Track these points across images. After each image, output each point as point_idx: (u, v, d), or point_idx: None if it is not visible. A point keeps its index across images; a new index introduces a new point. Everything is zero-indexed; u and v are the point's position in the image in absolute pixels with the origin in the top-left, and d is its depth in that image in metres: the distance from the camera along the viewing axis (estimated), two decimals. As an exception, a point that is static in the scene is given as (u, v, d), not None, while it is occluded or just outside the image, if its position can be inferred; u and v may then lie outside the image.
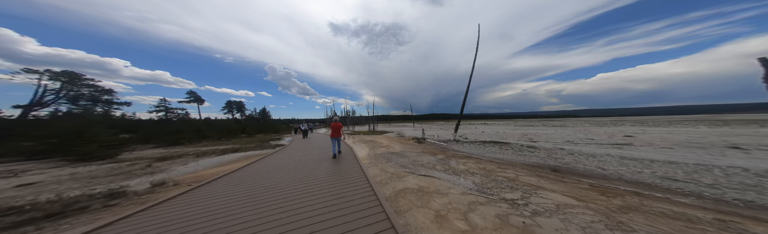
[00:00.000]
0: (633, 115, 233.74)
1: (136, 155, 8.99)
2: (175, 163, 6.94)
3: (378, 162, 6.21)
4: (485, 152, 7.41)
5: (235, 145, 12.85)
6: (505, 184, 3.85)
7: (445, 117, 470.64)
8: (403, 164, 5.80)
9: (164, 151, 10.67)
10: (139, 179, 5.05)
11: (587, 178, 4.28)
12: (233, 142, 15.15)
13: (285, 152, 7.99)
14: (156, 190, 4.00)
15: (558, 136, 12.33)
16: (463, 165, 5.43)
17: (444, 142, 10.25)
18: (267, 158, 6.79)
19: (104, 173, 5.62)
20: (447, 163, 5.74)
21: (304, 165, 5.65)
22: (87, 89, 16.47)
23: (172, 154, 8.74)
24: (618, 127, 20.37)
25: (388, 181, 4.34)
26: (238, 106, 60.73)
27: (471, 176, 4.38)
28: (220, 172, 5.43)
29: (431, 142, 10.59)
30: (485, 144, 9.25)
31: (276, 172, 4.96)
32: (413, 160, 6.31)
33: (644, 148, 7.62)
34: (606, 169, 4.95)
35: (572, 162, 5.69)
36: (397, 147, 9.30)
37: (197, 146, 12.93)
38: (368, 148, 8.96)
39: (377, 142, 11.68)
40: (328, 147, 8.82)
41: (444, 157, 6.48)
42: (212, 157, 8.12)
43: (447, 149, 8.33)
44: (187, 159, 7.62)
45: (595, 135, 12.83)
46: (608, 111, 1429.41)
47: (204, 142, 15.37)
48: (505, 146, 8.39)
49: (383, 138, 14.08)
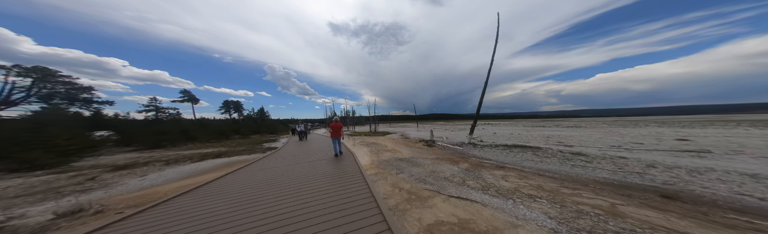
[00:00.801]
0: (632, 116, 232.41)
1: (97, 162, 7.58)
2: (132, 173, 5.55)
3: (386, 173, 4.85)
4: (520, 160, 5.97)
5: (223, 148, 11.50)
6: (607, 222, 2.41)
7: (445, 117, 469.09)
8: (420, 177, 4.44)
9: (137, 156, 9.29)
10: (54, 202, 3.65)
11: (738, 212, 2.76)
12: (223, 144, 13.79)
13: (272, 159, 6.64)
14: (52, 227, 2.63)
15: (590, 139, 10.77)
16: (505, 180, 4.05)
17: (458, 146, 8.89)
18: (248, 168, 5.43)
19: (21, 191, 4.24)
20: (479, 175, 4.37)
21: (290, 177, 4.32)
22: (62, 87, 15.07)
23: (140, 161, 7.35)
24: (645, 129, 18.35)
25: (407, 205, 2.98)
26: (235, 105, 59.31)
27: (532, 202, 2.99)
28: (179, 188, 4.07)
29: (443, 146, 9.23)
30: (511, 149, 7.80)
31: (250, 191, 3.61)
32: (431, 170, 4.96)
33: (741, 158, 5.84)
34: (751, 195, 3.31)
35: (675, 180, 4.04)
36: (405, 151, 7.95)
37: (180, 149, 11.56)
38: (371, 153, 7.62)
39: (381, 144, 10.34)
40: (323, 152, 7.61)
41: (470, 167, 5.10)
42: (186, 164, 6.75)
43: (467, 155, 6.95)
44: (152, 168, 6.24)
45: (634, 138, 11.16)
46: (607, 111, 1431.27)
47: (192, 144, 14.01)
48: (540, 152, 6.91)
49: (387, 140, 12.73)
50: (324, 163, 5.61)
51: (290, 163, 5.87)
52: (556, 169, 4.85)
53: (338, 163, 5.59)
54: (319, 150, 8.03)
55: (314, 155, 6.89)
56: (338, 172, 4.66)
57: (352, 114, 37.02)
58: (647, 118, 63.08)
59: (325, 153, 7.60)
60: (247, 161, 6.82)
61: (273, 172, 4.78)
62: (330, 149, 8.00)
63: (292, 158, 6.54)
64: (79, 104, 15.90)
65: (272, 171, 4.88)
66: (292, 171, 4.88)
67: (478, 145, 8.75)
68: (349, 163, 5.48)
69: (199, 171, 5.81)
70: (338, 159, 5.97)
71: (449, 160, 6.05)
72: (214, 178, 4.50)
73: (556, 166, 5.18)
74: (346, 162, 5.71)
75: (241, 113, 59.80)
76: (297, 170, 4.95)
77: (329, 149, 8.03)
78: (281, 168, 5.14)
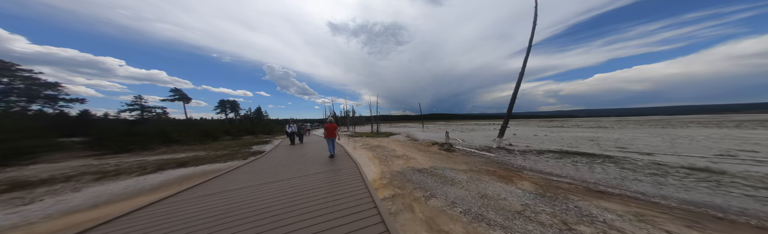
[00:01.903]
0: (632, 116, 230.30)
1: (10, 175, 5.71)
2: (19, 198, 3.72)
3: (407, 195, 3.12)
4: (608, 177, 3.94)
5: (202, 152, 9.72)
6: None
7: (445, 117, 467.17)
8: (470, 208, 2.70)
9: (82, 164, 7.45)
10: None
11: None
12: (206, 147, 11.98)
13: (247, 171, 4.87)
14: None
15: (656, 144, 8.45)
16: (646, 228, 2.27)
17: (486, 152, 7.11)
18: (202, 187, 3.66)
19: None
20: (580, 211, 2.56)
21: (258, 207, 2.64)
22: (21, 82, 13.14)
23: (70, 173, 5.53)
24: (694, 130, 15.39)
25: None
26: (231, 105, 57.42)
27: None
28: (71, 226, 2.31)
29: (467, 151, 7.46)
30: (566, 157, 5.76)
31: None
32: (478, 193, 3.20)
33: None
34: None
35: None
36: (421, 158, 6.18)
37: (150, 154, 9.76)
38: (379, 161, 5.86)
39: (387, 148, 8.57)
40: (316, 159, 6.01)
41: (540, 190, 3.29)
42: (128, 178, 4.95)
43: (511, 166, 5.14)
44: (67, 186, 4.40)
45: (715, 141, 8.65)
46: (605, 111, 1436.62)
47: (170, 147, 12.19)
48: (621, 164, 4.93)
49: (393, 142, 10.97)
50: (316, 177, 3.87)
51: (270, 178, 4.11)
52: (699, 200, 2.95)
53: (335, 174, 3.99)
54: (313, 157, 6.28)
55: (304, 166, 5.13)
56: (334, 193, 2.94)
57: (352, 114, 35.24)
58: (665, 118, 60.53)
59: (318, 159, 5.87)
60: (215, 172, 5.05)
61: (236, 198, 3.02)
62: (325, 155, 6.62)
63: (272, 171, 4.77)
64: (42, 102, 14.01)
65: (236, 196, 3.12)
66: (266, 193, 3.13)
67: (514, 151, 6.96)
68: (349, 177, 3.77)
69: (130, 192, 4.01)
70: (335, 167, 4.80)
71: (492, 175, 4.27)
72: (136, 208, 2.75)
73: (695, 192, 3.25)
74: (345, 173, 4.01)
75: (237, 113, 57.95)
76: (273, 190, 3.22)
77: (324, 155, 6.56)
78: (250, 190, 3.37)
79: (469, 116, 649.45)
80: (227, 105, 57.99)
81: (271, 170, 4.85)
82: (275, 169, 4.90)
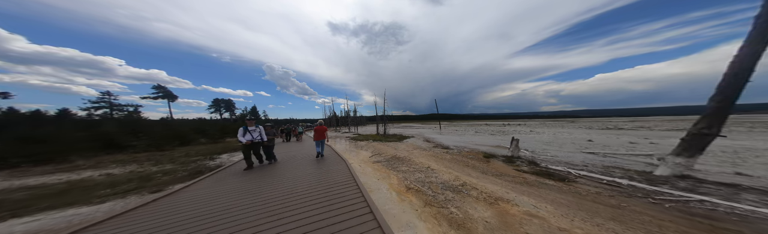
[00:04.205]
0: (632, 116, 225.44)
1: None
2: None
3: None
4: None
5: (135, 165, 6.48)
6: None
7: (446, 117, 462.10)
8: None
9: None
10: None
11: None
12: (157, 156, 8.74)
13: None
14: None
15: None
16: None
17: (624, 179, 3.78)
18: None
19: None
20: None
21: None
22: None
23: None
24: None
25: None
26: (226, 104, 53.97)
27: None
28: None
29: (588, 178, 4.14)
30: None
31: None
32: None
33: None
34: None
35: None
36: (518, 197, 2.87)
37: (87, 165, 6.47)
38: (416, 198, 2.54)
39: (413, 163, 5.27)
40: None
41: None
42: None
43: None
44: None
45: None
46: (606, 111, 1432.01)
47: (112, 155, 8.94)
48: None
49: (416, 151, 7.65)
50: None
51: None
52: None
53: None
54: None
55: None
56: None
57: (354, 113, 32.00)
58: (686, 118, 56.91)
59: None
60: None
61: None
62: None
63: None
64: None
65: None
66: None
67: (696, 183, 3.54)
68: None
69: None
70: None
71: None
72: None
73: None
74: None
75: (232, 112, 54.49)
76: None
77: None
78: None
79: (469, 116, 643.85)
80: (222, 104, 54.59)
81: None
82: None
